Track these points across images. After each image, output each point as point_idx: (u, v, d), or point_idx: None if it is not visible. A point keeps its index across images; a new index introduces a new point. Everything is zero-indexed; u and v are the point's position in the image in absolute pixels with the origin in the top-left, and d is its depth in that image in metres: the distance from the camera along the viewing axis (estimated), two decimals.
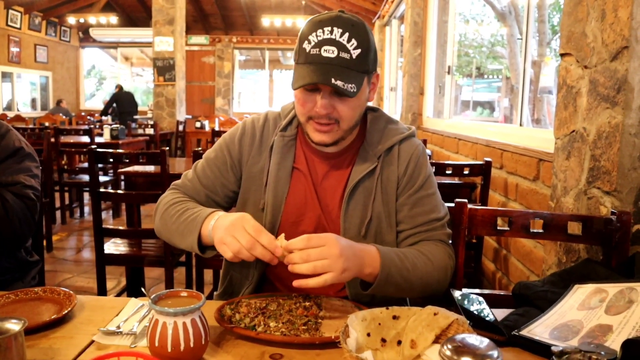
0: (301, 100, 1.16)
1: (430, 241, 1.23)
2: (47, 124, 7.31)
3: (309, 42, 1.10)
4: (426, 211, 1.25)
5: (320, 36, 1.09)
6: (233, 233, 1.02)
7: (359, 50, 1.09)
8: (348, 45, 1.08)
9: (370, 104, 1.28)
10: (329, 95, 1.12)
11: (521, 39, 3.06)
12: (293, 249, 0.99)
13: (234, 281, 1.34)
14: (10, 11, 10.78)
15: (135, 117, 9.80)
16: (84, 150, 5.12)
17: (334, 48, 1.08)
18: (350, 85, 1.08)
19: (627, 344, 0.76)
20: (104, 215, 5.42)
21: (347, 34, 1.08)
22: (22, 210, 1.52)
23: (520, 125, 2.99)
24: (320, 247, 0.98)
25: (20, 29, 11.20)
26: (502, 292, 1.34)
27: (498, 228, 1.30)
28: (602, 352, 0.67)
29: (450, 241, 1.27)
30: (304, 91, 1.14)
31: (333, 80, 1.06)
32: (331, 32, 1.08)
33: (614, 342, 0.85)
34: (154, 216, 1.29)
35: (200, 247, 1.14)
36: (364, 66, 1.12)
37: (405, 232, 1.25)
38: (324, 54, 1.08)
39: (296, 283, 0.99)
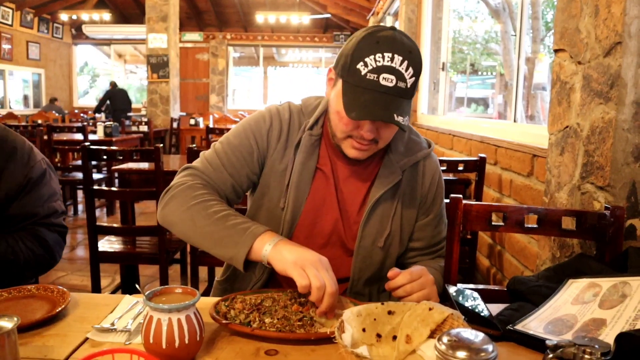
0: (345, 120, 1.12)
1: (442, 258, 1.34)
2: (39, 121, 7.27)
3: (365, 65, 1.05)
4: (441, 230, 1.33)
5: (379, 62, 1.05)
6: (318, 268, 1.00)
7: (413, 79, 1.07)
8: (406, 75, 1.06)
9: None
10: (376, 122, 1.10)
11: (515, 35, 3.06)
12: (398, 286, 1.06)
13: (237, 271, 1.31)
14: (2, 8, 10.69)
15: (129, 114, 9.77)
16: (78, 147, 5.09)
17: (393, 77, 1.05)
18: (405, 118, 1.07)
19: (621, 338, 0.77)
20: (97, 213, 5.39)
21: (406, 62, 1.05)
22: (59, 243, 1.50)
23: (515, 121, 3.00)
24: (419, 278, 1.07)
25: (12, 25, 11.10)
26: (496, 287, 1.35)
27: (493, 223, 1.30)
28: (597, 346, 0.67)
29: None
30: None
31: (395, 117, 1.04)
32: (392, 59, 1.04)
33: (608, 336, 0.85)
34: (165, 199, 1.18)
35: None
36: (414, 92, 1.10)
37: (420, 250, 1.32)
38: (383, 82, 1.04)
39: None
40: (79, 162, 5.58)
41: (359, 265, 1.25)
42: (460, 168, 2.56)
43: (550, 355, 0.69)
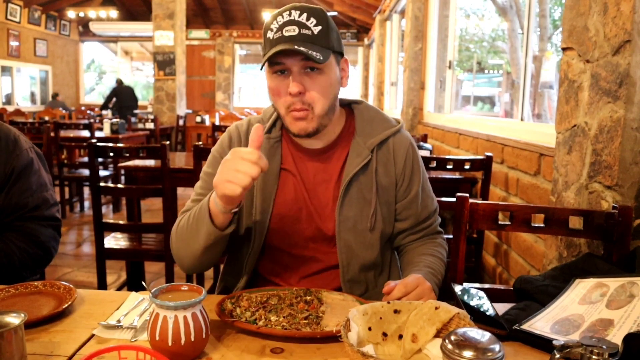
0: (274, 89, 1.16)
1: (436, 239, 1.33)
2: (46, 118, 7.30)
3: (271, 30, 1.12)
4: (427, 204, 1.31)
5: (280, 21, 1.11)
6: (236, 166, 1.01)
7: (319, 27, 1.11)
8: (308, 23, 1.11)
9: (369, 97, 1.28)
10: (298, 74, 1.12)
11: (522, 33, 3.05)
12: (395, 298, 1.04)
13: (229, 287, 1.33)
14: (10, 5, 10.74)
15: (136, 111, 9.80)
16: (84, 144, 5.11)
17: (294, 27, 1.10)
18: (316, 53, 1.08)
19: (629, 338, 0.76)
20: (104, 209, 5.41)
21: (305, 14, 1.11)
22: (53, 237, 1.45)
23: (521, 119, 2.98)
24: (415, 288, 1.06)
25: (19, 22, 11.16)
26: (502, 287, 1.34)
27: (499, 222, 1.29)
28: (604, 346, 0.67)
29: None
30: (276, 79, 1.15)
31: (297, 46, 1.07)
32: (290, 14, 1.11)
33: (615, 337, 0.85)
34: (172, 251, 1.25)
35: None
36: (328, 42, 1.13)
37: (410, 230, 1.31)
38: (286, 34, 1.10)
39: None
40: (86, 159, 5.60)
41: (344, 251, 1.23)
42: (467, 167, 2.55)
43: (558, 356, 0.69)
